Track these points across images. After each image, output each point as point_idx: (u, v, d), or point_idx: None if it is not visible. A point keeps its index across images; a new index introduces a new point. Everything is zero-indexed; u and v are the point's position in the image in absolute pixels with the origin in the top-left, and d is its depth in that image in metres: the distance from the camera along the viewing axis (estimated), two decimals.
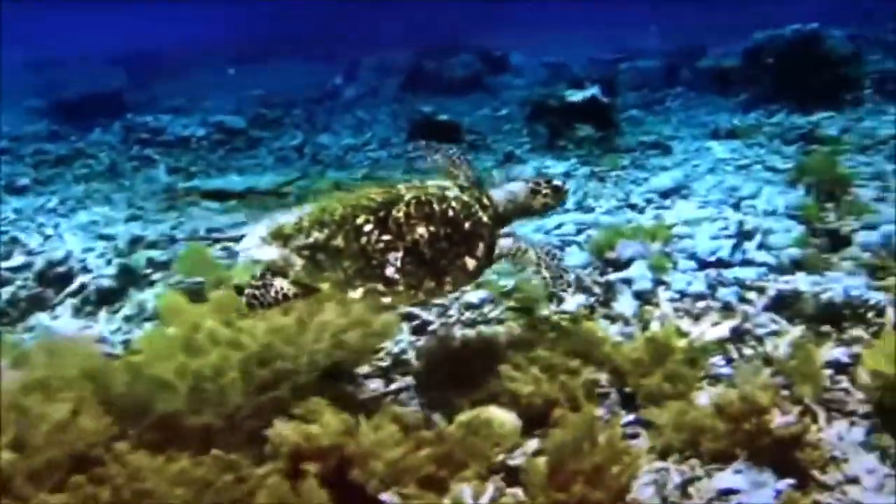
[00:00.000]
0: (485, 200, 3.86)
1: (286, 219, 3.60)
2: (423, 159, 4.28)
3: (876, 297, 4.53)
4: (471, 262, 3.68)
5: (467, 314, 5.35)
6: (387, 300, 3.58)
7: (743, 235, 6.08)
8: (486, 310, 5.39)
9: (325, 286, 3.50)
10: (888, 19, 16.22)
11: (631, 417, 3.90)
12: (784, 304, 4.84)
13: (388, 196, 3.62)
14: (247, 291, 3.52)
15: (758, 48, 12.61)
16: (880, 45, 14.64)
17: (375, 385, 4.49)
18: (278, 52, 24.13)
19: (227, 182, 9.73)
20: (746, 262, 5.60)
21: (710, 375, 4.18)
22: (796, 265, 5.46)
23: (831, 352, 4.16)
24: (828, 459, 3.33)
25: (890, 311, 4.36)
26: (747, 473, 3.26)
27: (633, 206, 7.57)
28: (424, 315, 5.34)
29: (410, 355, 4.76)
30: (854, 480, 3.23)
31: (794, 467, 3.28)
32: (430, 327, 5.21)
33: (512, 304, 5.39)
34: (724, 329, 4.56)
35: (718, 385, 4.04)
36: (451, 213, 3.64)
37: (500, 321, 5.23)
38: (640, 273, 5.48)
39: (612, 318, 5.02)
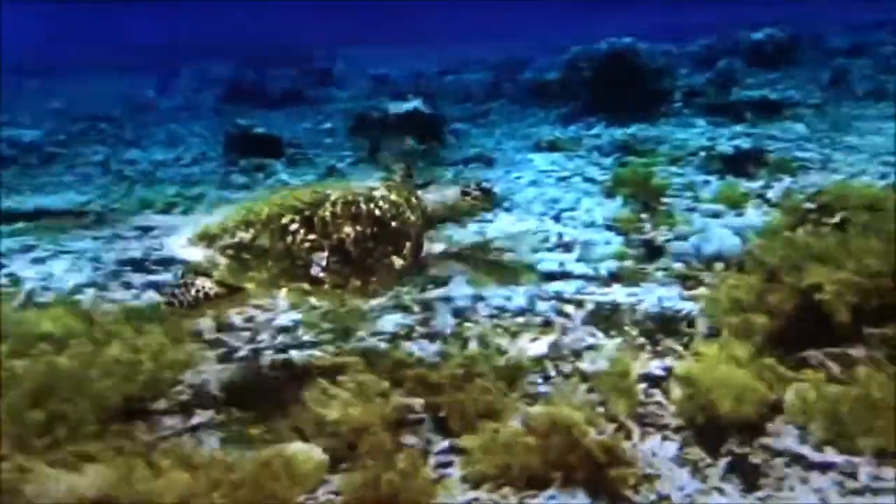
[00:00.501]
0: (413, 201, 3.95)
1: (212, 219, 3.66)
2: (245, 174, 4.26)
3: (687, 307, 4.60)
4: (398, 262, 3.73)
5: (280, 338, 5.06)
6: (312, 299, 3.75)
7: (563, 247, 6.13)
8: (299, 332, 5.12)
9: (249, 285, 3.53)
10: (699, 35, 17.28)
11: (445, 444, 3.71)
12: (602, 317, 4.85)
13: (315, 196, 3.68)
14: (166, 291, 3.61)
15: (575, 61, 13.03)
16: (689, 60, 15.56)
17: (173, 422, 4.10)
18: (87, 63, 22.76)
19: (15, 202, 8.86)
20: (565, 275, 5.61)
21: (528, 395, 4.08)
22: (614, 277, 5.52)
23: (646, 365, 4.17)
24: (641, 477, 3.27)
25: (700, 321, 4.43)
26: (560, 498, 3.15)
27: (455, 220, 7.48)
28: (232, 342, 5.00)
29: (214, 386, 4.40)
30: (666, 498, 3.19)
31: (607, 487, 3.20)
32: (238, 354, 4.88)
33: (328, 325, 5.15)
34: (542, 345, 4.49)
35: (535, 404, 3.94)
36: (378, 212, 3.70)
37: (314, 344, 4.97)
38: (459, 290, 5.37)
39: (431, 337, 4.86)
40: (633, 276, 5.49)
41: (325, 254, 3.56)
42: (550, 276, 5.58)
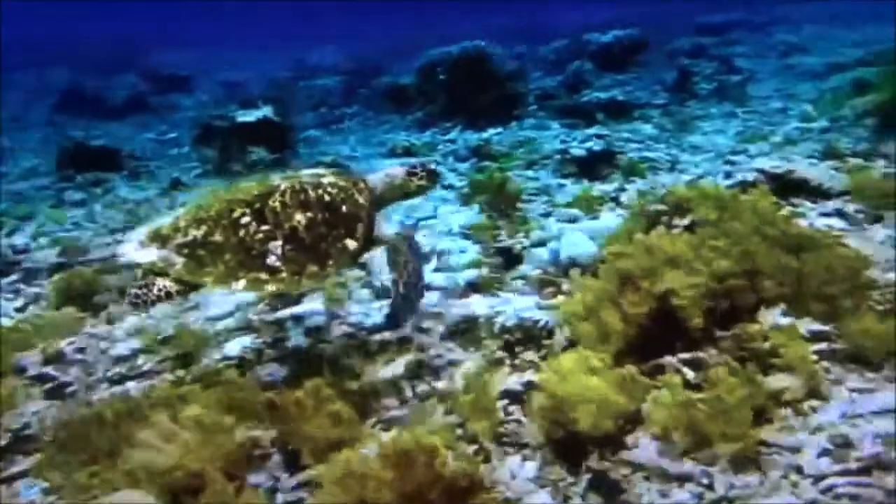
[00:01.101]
0: (361, 185, 4.08)
1: (163, 220, 3.78)
2: (81, 190, 4.13)
3: (545, 317, 4.55)
4: (351, 244, 3.90)
5: (115, 369, 4.73)
6: (272, 288, 3.70)
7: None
8: (139, 361, 4.81)
9: (207, 280, 3.63)
10: (549, 39, 17.63)
11: (295, 480, 3.49)
12: (460, 331, 4.73)
13: (264, 188, 3.83)
14: (129, 292, 3.65)
15: (430, 66, 13.01)
16: (542, 63, 15.86)
17: None
18: None
19: None
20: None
21: (383, 420, 3.92)
22: (472, 287, 5.42)
23: (506, 380, 4.08)
24: (501, 502, 3.16)
25: (558, 331, 4.39)
26: None
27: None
28: (62, 376, 4.64)
29: (37, 427, 4.09)
30: None
31: None
32: (70, 389, 4.53)
33: (169, 352, 4.85)
34: (399, 365, 4.33)
35: (391, 430, 3.78)
36: (327, 197, 3.85)
37: (156, 373, 4.67)
38: (312, 308, 5.16)
39: (282, 360, 4.62)
40: (491, 286, 5.41)
41: (280, 243, 3.71)
42: None
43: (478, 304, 5.01)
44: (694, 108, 11.99)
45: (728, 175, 6.84)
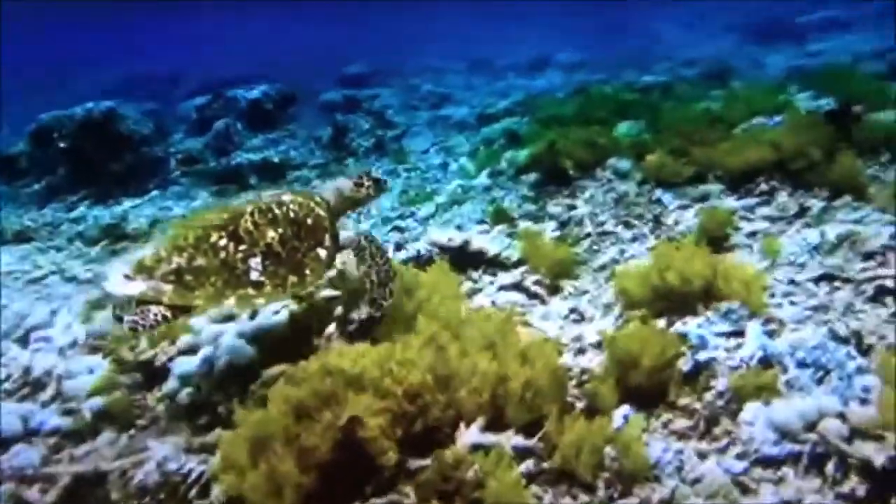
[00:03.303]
0: (317, 198, 4.37)
1: (143, 253, 3.93)
2: None
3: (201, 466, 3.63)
4: (322, 252, 4.19)
5: None
6: (260, 301, 4.03)
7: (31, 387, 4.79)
8: None
9: (199, 302, 3.83)
10: (190, 94, 16.41)
11: None
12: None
13: (231, 213, 4.03)
14: (126, 319, 3.75)
15: (46, 131, 11.35)
16: (182, 122, 14.61)
17: None
18: None
19: None
20: (32, 434, 4.29)
21: None
22: (101, 417, 4.39)
23: None
24: None
25: (215, 487, 3.48)
26: None
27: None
28: None
29: None
30: None
31: None
32: None
33: None
34: None
35: None
36: (291, 214, 4.12)
37: None
38: None
39: None
40: (125, 416, 4.37)
41: (259, 259, 3.95)
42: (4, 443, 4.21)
43: (107, 448, 3.96)
44: (353, 167, 11.65)
45: (399, 247, 6.40)
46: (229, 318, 5.47)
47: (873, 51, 15.18)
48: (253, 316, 5.59)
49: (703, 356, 4.01)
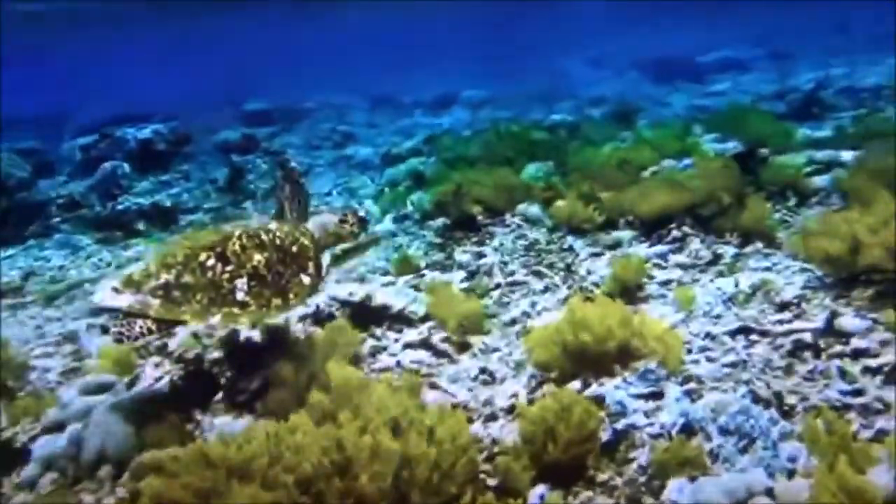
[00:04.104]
0: (302, 229, 4.67)
1: (133, 268, 4.15)
2: None
3: None
4: (306, 279, 4.44)
5: None
6: (244, 320, 4.42)
7: None
8: None
9: (186, 317, 4.00)
10: (74, 134, 15.58)
11: None
12: None
13: (220, 236, 4.30)
14: (112, 330, 3.95)
15: None
16: (65, 164, 13.77)
17: None
18: None
19: None
20: None
21: None
22: None
23: None
24: None
25: None
26: None
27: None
28: None
29: None
30: None
31: None
32: None
33: None
34: None
35: None
36: (278, 241, 4.41)
37: None
38: None
39: None
40: None
41: (245, 280, 4.16)
42: None
43: None
44: (251, 211, 11.23)
45: None
46: (103, 388, 5.02)
47: (773, 92, 15.65)
48: (131, 385, 5.16)
49: (622, 423, 3.81)
